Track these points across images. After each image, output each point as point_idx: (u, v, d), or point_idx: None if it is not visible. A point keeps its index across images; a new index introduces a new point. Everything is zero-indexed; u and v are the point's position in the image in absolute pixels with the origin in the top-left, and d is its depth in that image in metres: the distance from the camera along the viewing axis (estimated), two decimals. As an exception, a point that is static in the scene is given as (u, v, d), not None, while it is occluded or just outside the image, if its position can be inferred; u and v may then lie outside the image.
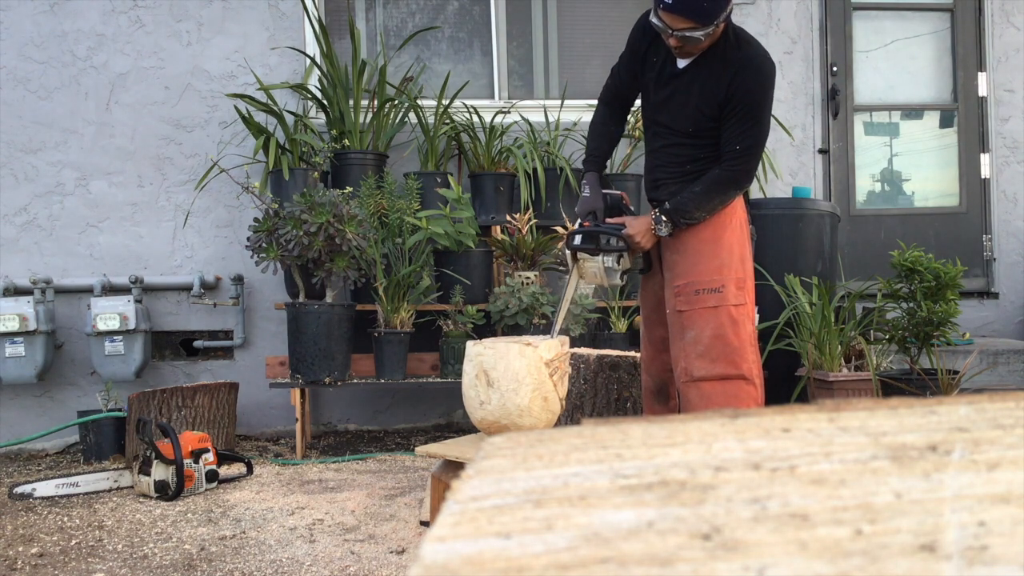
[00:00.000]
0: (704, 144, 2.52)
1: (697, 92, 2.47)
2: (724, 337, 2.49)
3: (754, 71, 2.43)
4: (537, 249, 4.04)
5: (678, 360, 2.54)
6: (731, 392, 2.49)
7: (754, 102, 2.44)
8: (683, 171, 2.54)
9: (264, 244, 3.74)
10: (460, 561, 0.37)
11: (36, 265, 4.36)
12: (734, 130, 2.45)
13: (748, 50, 2.47)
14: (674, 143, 2.56)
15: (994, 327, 5.08)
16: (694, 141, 2.53)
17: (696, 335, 2.50)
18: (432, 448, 2.46)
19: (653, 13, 2.37)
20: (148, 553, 2.54)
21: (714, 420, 0.52)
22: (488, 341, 2.37)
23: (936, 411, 0.52)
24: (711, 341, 2.49)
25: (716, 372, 2.48)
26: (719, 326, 2.49)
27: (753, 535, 0.38)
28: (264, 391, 4.30)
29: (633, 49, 2.61)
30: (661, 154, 2.60)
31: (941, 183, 5.26)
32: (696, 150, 2.53)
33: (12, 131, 4.37)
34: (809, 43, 4.98)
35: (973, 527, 0.38)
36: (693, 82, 2.48)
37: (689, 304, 2.52)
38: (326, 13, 4.65)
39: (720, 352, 2.49)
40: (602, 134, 2.71)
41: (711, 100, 2.45)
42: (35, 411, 4.32)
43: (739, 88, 2.41)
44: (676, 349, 2.54)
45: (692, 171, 2.53)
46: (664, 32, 2.39)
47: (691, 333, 2.51)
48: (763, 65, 2.45)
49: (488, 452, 0.50)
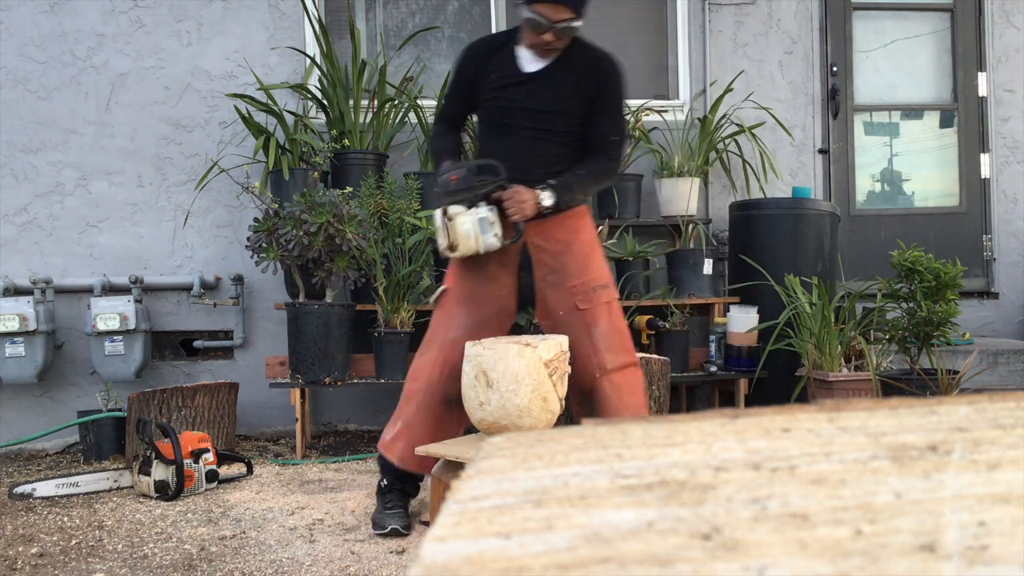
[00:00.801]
0: (570, 140, 2.66)
1: (564, 91, 2.61)
2: (620, 329, 2.69)
3: (617, 68, 2.68)
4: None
5: (589, 357, 2.61)
6: (634, 379, 2.69)
7: (621, 97, 2.70)
8: (554, 168, 2.63)
9: (264, 244, 3.74)
10: (460, 561, 0.37)
11: (36, 265, 4.36)
12: (607, 123, 2.66)
13: (601, 50, 2.70)
14: (539, 141, 2.64)
15: (994, 327, 5.08)
16: (561, 138, 2.65)
17: (602, 330, 2.64)
18: (432, 448, 2.46)
19: (528, 9, 2.51)
20: (148, 553, 2.54)
21: (714, 420, 0.52)
22: (487, 341, 2.37)
23: (936, 411, 0.52)
24: (612, 334, 2.65)
25: (620, 362, 2.65)
26: (615, 319, 2.68)
27: (753, 535, 0.38)
28: (264, 391, 4.30)
29: (464, 78, 2.72)
30: (519, 154, 2.62)
31: (941, 183, 5.26)
32: (563, 147, 2.66)
33: (12, 131, 4.37)
34: (809, 43, 4.98)
35: (973, 527, 0.38)
36: (557, 82, 2.62)
37: (589, 302, 2.65)
38: (326, 13, 4.65)
39: (620, 343, 2.67)
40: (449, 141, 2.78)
41: (581, 98, 2.61)
42: (35, 411, 4.32)
43: (608, 85, 2.64)
44: (583, 347, 2.60)
45: (562, 167, 2.64)
46: (541, 27, 2.51)
47: (597, 329, 2.63)
48: (619, 63, 2.71)
49: (488, 452, 0.50)
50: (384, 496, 2.71)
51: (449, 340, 2.63)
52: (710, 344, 4.23)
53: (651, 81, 4.96)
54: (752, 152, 4.74)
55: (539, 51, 2.61)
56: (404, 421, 2.65)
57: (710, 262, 4.29)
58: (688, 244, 4.43)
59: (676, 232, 4.61)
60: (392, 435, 2.68)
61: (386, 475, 2.72)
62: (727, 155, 4.75)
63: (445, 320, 2.67)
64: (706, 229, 4.42)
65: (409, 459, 2.62)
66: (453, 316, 2.66)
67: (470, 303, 2.66)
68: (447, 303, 2.68)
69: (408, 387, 2.69)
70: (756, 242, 4.33)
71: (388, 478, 2.71)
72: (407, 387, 2.69)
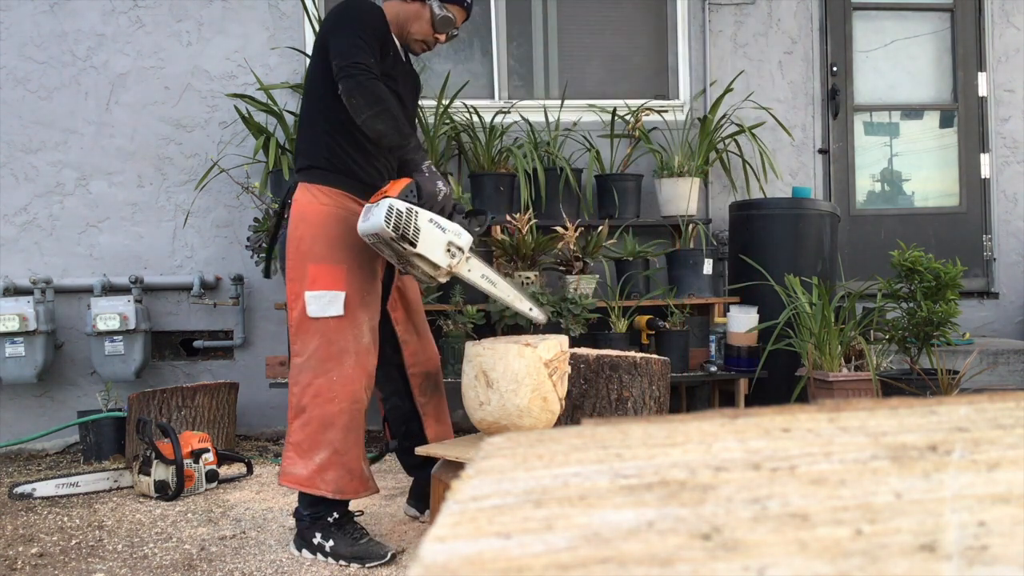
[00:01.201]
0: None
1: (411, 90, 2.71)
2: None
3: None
4: (537, 249, 4.04)
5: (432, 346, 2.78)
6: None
7: None
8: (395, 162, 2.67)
9: (264, 244, 3.74)
10: (460, 561, 0.37)
11: (36, 265, 4.36)
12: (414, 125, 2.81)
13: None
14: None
15: (994, 327, 5.08)
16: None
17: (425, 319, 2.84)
18: (432, 448, 2.45)
19: (443, 8, 2.53)
20: (148, 553, 2.54)
21: (714, 420, 0.52)
22: (487, 341, 2.37)
23: (936, 411, 0.52)
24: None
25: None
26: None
27: (753, 535, 0.38)
28: (264, 391, 4.30)
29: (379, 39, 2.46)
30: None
31: (941, 183, 5.26)
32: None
33: (12, 131, 4.37)
34: (809, 43, 4.98)
35: (973, 527, 0.38)
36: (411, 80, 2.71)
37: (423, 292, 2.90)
38: (325, 13, 4.65)
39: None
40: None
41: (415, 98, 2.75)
42: (35, 411, 4.32)
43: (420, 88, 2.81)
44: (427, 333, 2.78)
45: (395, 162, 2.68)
46: (450, 27, 2.57)
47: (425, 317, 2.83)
48: None
49: (488, 452, 0.50)
50: (343, 529, 2.47)
51: (363, 347, 2.44)
52: (710, 344, 4.23)
53: (651, 81, 4.96)
54: (752, 152, 4.74)
55: (420, 47, 2.61)
56: (332, 449, 2.40)
57: (710, 262, 4.29)
58: (688, 244, 4.43)
59: (676, 232, 4.61)
60: (315, 467, 2.40)
61: (335, 508, 2.46)
62: (727, 155, 4.75)
63: (352, 328, 2.42)
64: (706, 229, 4.42)
65: (347, 487, 2.43)
66: (360, 322, 2.44)
67: (368, 305, 2.49)
68: (350, 310, 2.42)
69: (324, 411, 2.40)
70: (756, 242, 4.33)
71: (339, 510, 2.47)
72: (321, 411, 2.40)
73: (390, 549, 2.46)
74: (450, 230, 2.37)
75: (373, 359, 2.48)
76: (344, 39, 2.37)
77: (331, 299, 2.41)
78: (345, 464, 2.42)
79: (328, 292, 2.41)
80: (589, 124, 4.74)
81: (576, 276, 4.07)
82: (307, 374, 2.41)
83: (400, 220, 2.28)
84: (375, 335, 2.51)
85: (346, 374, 2.41)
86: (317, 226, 2.44)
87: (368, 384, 2.47)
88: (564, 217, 4.26)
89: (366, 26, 2.40)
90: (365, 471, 2.49)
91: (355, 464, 2.44)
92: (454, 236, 2.36)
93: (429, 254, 2.33)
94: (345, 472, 2.42)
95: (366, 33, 2.38)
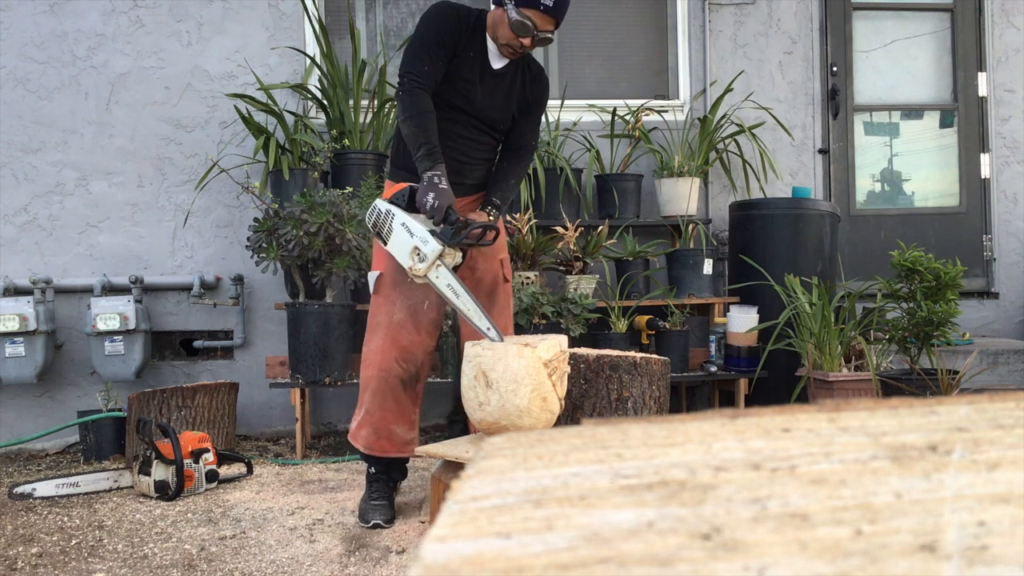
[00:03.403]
0: (501, 137, 2.83)
1: (515, 93, 2.76)
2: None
3: (546, 78, 2.88)
4: (537, 249, 4.04)
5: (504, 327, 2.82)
6: None
7: (545, 104, 2.90)
8: (487, 159, 2.82)
9: (264, 244, 3.74)
10: (460, 561, 0.37)
11: (36, 265, 4.36)
12: (532, 127, 2.86)
13: (539, 63, 2.88)
14: (483, 134, 2.77)
15: (994, 327, 5.08)
16: (498, 135, 2.81)
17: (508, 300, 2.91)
18: (432, 448, 2.46)
19: (517, 12, 2.54)
20: (148, 553, 2.54)
21: (714, 420, 0.52)
22: (487, 342, 2.37)
23: (936, 411, 0.52)
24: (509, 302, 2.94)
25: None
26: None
27: (753, 535, 0.38)
28: (264, 391, 4.31)
29: (451, 41, 2.60)
30: (466, 143, 2.74)
31: (941, 183, 5.26)
32: (496, 142, 2.83)
33: (12, 131, 4.37)
34: (809, 43, 4.98)
35: (973, 527, 0.38)
36: (512, 84, 2.75)
37: (508, 274, 2.91)
38: (326, 13, 4.65)
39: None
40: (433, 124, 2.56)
41: (520, 101, 2.79)
42: (35, 411, 4.32)
43: (540, 92, 2.83)
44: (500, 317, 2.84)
45: (491, 160, 2.84)
46: (525, 31, 2.57)
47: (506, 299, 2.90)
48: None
49: (488, 452, 0.50)
50: (371, 485, 2.81)
51: (395, 323, 2.70)
52: (710, 344, 4.23)
53: (651, 81, 4.96)
54: (752, 152, 4.74)
55: (507, 51, 2.66)
56: (365, 408, 2.74)
57: (710, 262, 4.29)
58: (688, 244, 4.43)
59: (676, 232, 4.61)
60: (356, 423, 2.77)
61: (371, 463, 2.82)
62: (727, 155, 4.76)
63: (385, 304, 2.72)
64: (706, 229, 4.42)
65: (374, 444, 2.74)
66: (393, 300, 2.71)
67: (409, 284, 2.68)
68: (383, 288, 2.72)
69: (363, 375, 2.75)
70: (756, 242, 4.33)
71: (375, 466, 2.81)
72: (362, 375, 2.76)
73: (375, 519, 2.70)
74: (418, 236, 2.50)
75: (410, 334, 2.71)
76: (408, 48, 2.64)
77: (375, 278, 2.75)
78: (373, 424, 2.73)
79: (373, 272, 2.77)
80: (589, 124, 4.74)
81: (576, 276, 4.07)
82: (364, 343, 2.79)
83: (378, 219, 2.57)
84: (418, 313, 2.71)
85: (378, 345, 2.71)
86: None
87: (401, 356, 2.70)
88: (564, 217, 4.26)
89: (427, 33, 2.59)
90: (399, 434, 2.75)
91: (382, 426, 2.72)
92: (420, 243, 2.49)
93: (395, 254, 2.54)
94: (373, 431, 2.73)
95: (426, 41, 2.57)
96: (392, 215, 2.54)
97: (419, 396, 2.81)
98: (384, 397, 2.72)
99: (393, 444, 2.76)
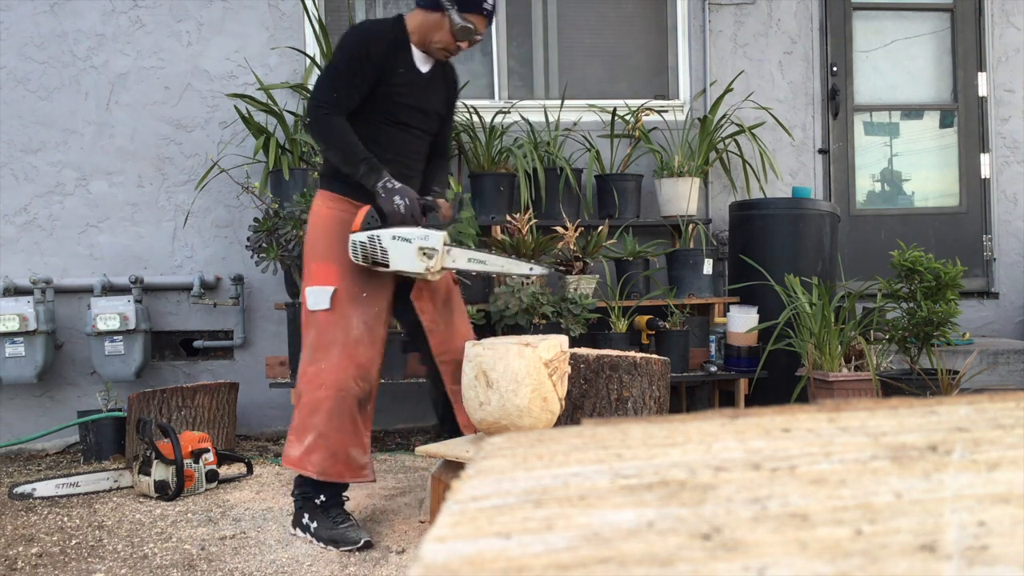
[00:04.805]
0: (431, 140, 2.83)
1: (441, 95, 2.79)
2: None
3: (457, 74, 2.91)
4: (537, 249, 4.04)
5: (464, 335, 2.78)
6: None
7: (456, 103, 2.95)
8: (422, 165, 2.82)
9: (264, 244, 3.74)
10: (460, 561, 0.37)
11: (36, 265, 4.36)
12: (449, 127, 2.92)
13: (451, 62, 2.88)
14: (420, 140, 2.77)
15: (994, 327, 5.08)
16: (429, 138, 2.81)
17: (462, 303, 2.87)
18: (432, 448, 2.46)
19: (461, 17, 2.57)
20: (148, 553, 2.54)
21: (714, 420, 0.52)
22: (487, 341, 2.37)
23: (936, 411, 0.52)
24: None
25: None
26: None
27: (753, 535, 0.38)
28: (264, 391, 4.30)
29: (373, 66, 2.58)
30: (407, 151, 2.74)
31: (941, 183, 5.26)
32: (428, 146, 2.83)
33: (12, 131, 4.37)
34: (809, 43, 4.98)
35: (973, 527, 0.38)
36: (437, 86, 2.77)
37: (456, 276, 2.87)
38: (326, 13, 4.65)
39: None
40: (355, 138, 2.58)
41: (446, 102, 2.83)
42: (35, 411, 4.32)
43: (456, 88, 2.89)
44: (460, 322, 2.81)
45: (423, 164, 2.83)
46: (468, 35, 2.60)
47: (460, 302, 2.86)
48: None
49: (488, 452, 0.50)
50: (328, 512, 2.60)
51: (352, 339, 2.56)
52: (710, 344, 4.23)
53: (651, 81, 4.96)
54: (752, 152, 4.74)
55: (442, 54, 2.68)
56: (317, 432, 2.53)
57: (710, 262, 4.29)
58: (688, 244, 4.44)
59: (676, 232, 4.61)
60: (304, 449, 2.54)
61: (322, 491, 2.59)
62: (727, 155, 4.75)
63: (341, 321, 2.57)
64: (706, 229, 4.42)
65: (330, 470, 2.54)
66: (349, 315, 2.57)
67: (364, 299, 2.59)
68: (339, 304, 2.56)
69: (311, 395, 2.55)
70: (756, 242, 4.33)
71: (325, 494, 2.60)
72: (309, 397, 2.55)
73: (364, 536, 2.55)
74: (416, 237, 2.48)
75: (367, 351, 2.59)
76: (322, 74, 2.65)
77: (323, 294, 2.58)
78: (329, 447, 2.54)
79: (321, 287, 2.59)
80: (589, 124, 4.74)
81: (576, 276, 4.07)
82: (303, 363, 2.61)
83: (365, 251, 2.50)
84: (373, 328, 2.61)
85: (332, 364, 2.55)
86: (319, 228, 2.63)
87: (359, 374, 2.57)
88: (564, 217, 4.26)
89: (343, 57, 2.59)
90: (355, 457, 2.58)
91: (340, 449, 2.55)
92: (422, 241, 2.48)
93: (403, 268, 2.50)
94: (329, 455, 2.54)
95: (340, 69, 2.58)
96: (377, 238, 2.48)
97: (370, 418, 2.66)
98: (341, 419, 2.54)
99: (350, 469, 2.57)
